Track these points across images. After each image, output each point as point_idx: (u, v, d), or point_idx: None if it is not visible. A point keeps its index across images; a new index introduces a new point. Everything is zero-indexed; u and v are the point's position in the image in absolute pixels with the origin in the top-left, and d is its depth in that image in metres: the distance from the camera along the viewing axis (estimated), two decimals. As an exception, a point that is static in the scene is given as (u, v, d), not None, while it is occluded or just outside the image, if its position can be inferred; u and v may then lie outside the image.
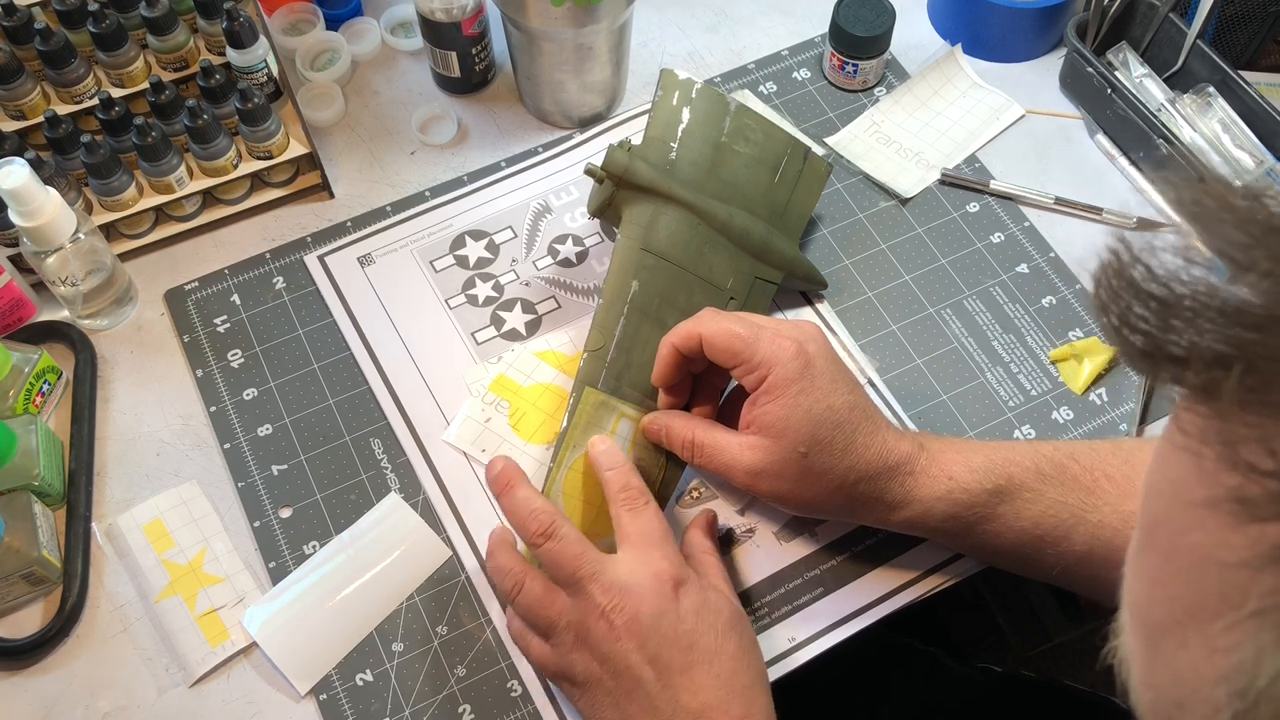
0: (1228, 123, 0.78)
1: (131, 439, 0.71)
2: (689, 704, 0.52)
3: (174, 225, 0.78)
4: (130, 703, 0.62)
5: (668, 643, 0.53)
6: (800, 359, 0.57)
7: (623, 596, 0.54)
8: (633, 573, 0.54)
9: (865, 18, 0.82)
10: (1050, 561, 0.57)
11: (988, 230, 0.79)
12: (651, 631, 0.53)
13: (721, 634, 0.54)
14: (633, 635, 0.53)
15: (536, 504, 0.57)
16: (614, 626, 0.53)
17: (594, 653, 0.54)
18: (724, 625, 0.55)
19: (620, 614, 0.53)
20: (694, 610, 0.54)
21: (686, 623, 0.54)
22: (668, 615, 0.54)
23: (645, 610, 0.53)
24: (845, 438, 0.57)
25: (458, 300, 0.76)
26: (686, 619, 0.54)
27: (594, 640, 0.54)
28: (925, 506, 0.57)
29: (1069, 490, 0.56)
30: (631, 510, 0.57)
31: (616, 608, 0.53)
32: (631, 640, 0.53)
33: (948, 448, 0.58)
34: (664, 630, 0.53)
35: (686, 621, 0.54)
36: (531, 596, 0.56)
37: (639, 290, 0.69)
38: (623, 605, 0.53)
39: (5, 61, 0.71)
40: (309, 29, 0.87)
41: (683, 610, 0.54)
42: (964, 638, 1.17)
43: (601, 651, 0.54)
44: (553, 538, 0.56)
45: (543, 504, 0.57)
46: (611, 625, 0.53)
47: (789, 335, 0.58)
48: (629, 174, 0.70)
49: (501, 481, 0.59)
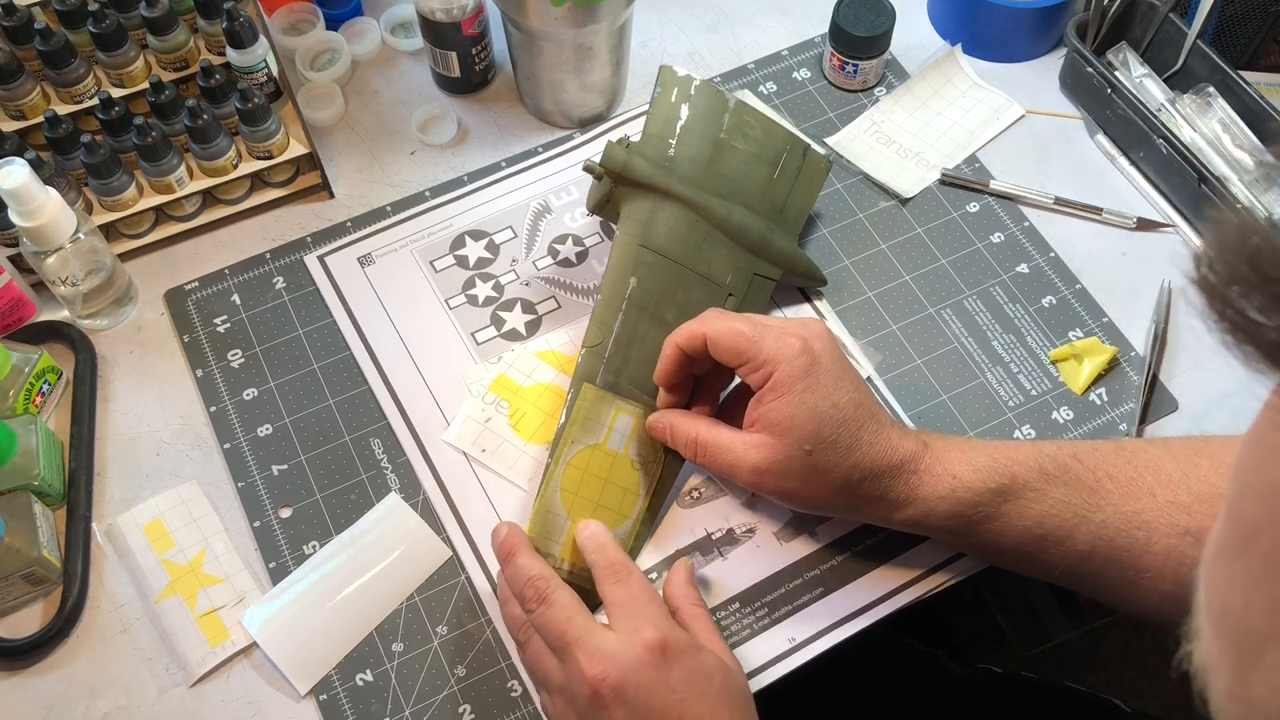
0: (1228, 123, 0.78)
1: (131, 439, 0.71)
2: None
3: (174, 225, 0.78)
4: (130, 703, 0.62)
5: (657, 714, 0.52)
6: (806, 356, 0.57)
7: (609, 667, 0.53)
8: (620, 642, 0.54)
9: (865, 18, 0.82)
10: (1053, 561, 0.57)
11: (988, 230, 0.79)
12: (640, 703, 0.53)
13: (715, 700, 0.54)
14: (620, 705, 0.53)
15: (534, 571, 0.58)
16: (600, 696, 0.53)
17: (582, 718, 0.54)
18: (716, 692, 0.54)
19: (606, 684, 0.53)
20: (684, 679, 0.53)
21: (677, 692, 0.53)
22: (657, 686, 0.53)
23: (632, 681, 0.53)
24: (850, 435, 0.57)
25: (458, 300, 0.76)
26: (676, 688, 0.53)
27: (581, 706, 0.54)
28: (929, 505, 0.57)
29: (1072, 490, 0.56)
30: (617, 582, 0.57)
31: (602, 678, 0.53)
32: (620, 711, 0.53)
33: (951, 446, 0.58)
34: (654, 703, 0.53)
35: (677, 691, 0.53)
36: (531, 652, 0.57)
37: (637, 286, 0.69)
38: (608, 676, 0.53)
39: (5, 61, 0.71)
40: (309, 29, 0.87)
41: (672, 680, 0.53)
42: (964, 638, 1.17)
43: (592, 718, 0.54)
44: (544, 603, 0.56)
45: (540, 570, 0.58)
46: (598, 694, 0.53)
47: (794, 333, 0.58)
48: (627, 170, 0.70)
49: (504, 550, 0.60)
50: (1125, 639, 1.24)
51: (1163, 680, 1.22)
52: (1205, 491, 0.55)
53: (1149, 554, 0.55)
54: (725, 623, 0.64)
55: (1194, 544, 0.54)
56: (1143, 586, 0.56)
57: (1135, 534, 0.55)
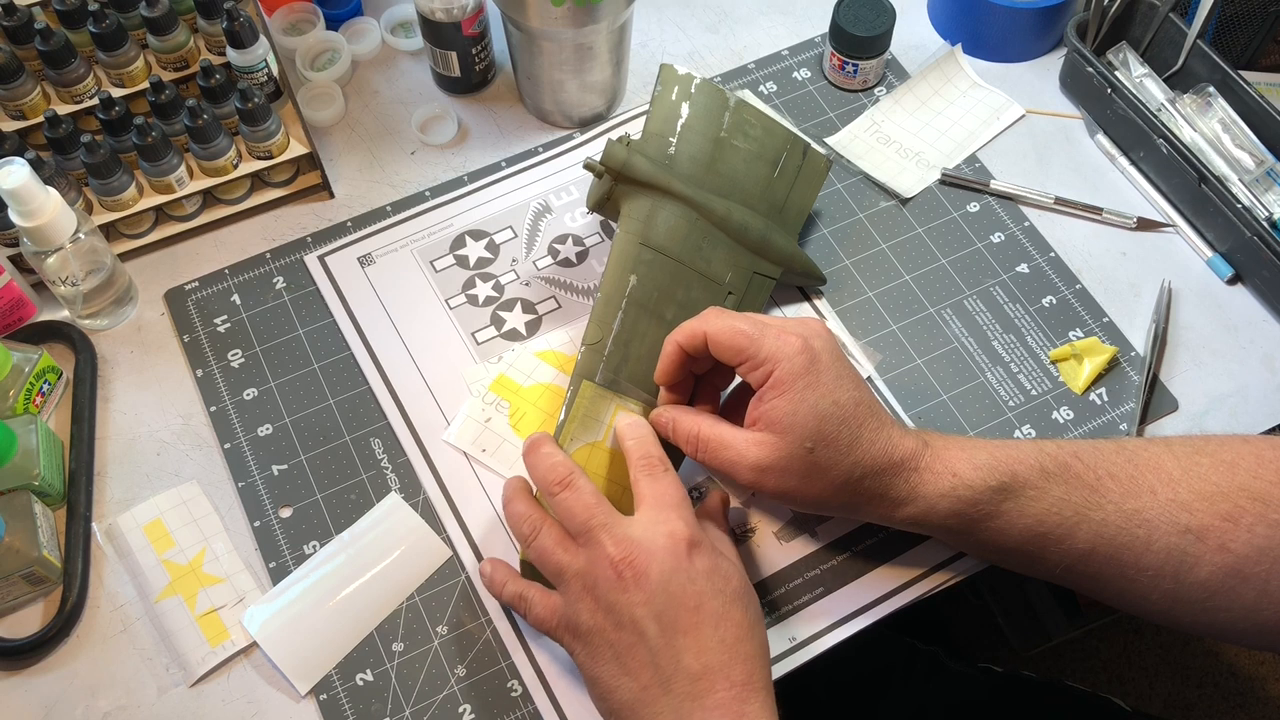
0: (1228, 123, 0.78)
1: (131, 439, 0.71)
2: (690, 665, 0.52)
3: (174, 225, 0.78)
4: (130, 703, 0.63)
5: (675, 601, 0.53)
6: (806, 354, 0.57)
7: (634, 550, 0.54)
8: (646, 529, 0.55)
9: (865, 18, 0.82)
10: (1053, 560, 0.57)
11: (988, 230, 0.79)
12: (660, 588, 0.53)
13: (730, 600, 0.54)
14: (641, 589, 0.53)
15: (558, 458, 0.59)
16: (622, 577, 0.53)
17: (600, 602, 0.54)
18: (733, 592, 0.55)
19: (630, 566, 0.53)
20: (705, 573, 0.54)
21: (697, 584, 0.54)
22: (679, 574, 0.54)
23: (655, 566, 0.53)
24: (851, 433, 0.57)
25: (458, 300, 0.76)
26: (697, 580, 0.54)
27: (601, 590, 0.54)
28: (929, 503, 0.57)
29: (1073, 488, 0.57)
30: (650, 475, 0.58)
31: (626, 560, 0.53)
32: (639, 593, 0.53)
33: (952, 445, 0.59)
34: (673, 588, 0.53)
35: (697, 583, 0.54)
36: (548, 539, 0.57)
37: (637, 284, 0.69)
38: (633, 558, 0.53)
39: (5, 61, 0.71)
40: (309, 29, 0.87)
41: (694, 571, 0.54)
42: (964, 638, 1.18)
43: (608, 601, 0.54)
44: (569, 488, 0.57)
45: (564, 459, 0.59)
46: (620, 576, 0.53)
47: (794, 331, 0.58)
48: (627, 168, 0.70)
49: (526, 447, 0.61)
50: (1125, 639, 1.24)
51: (1163, 680, 1.22)
52: (1206, 489, 0.55)
53: (1150, 552, 0.55)
54: (725, 622, 0.64)
55: (1195, 542, 0.54)
56: (1143, 585, 0.56)
57: (1136, 532, 0.55)
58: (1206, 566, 0.54)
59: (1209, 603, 0.55)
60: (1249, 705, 1.23)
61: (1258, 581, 0.54)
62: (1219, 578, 0.54)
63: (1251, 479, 0.55)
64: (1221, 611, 0.56)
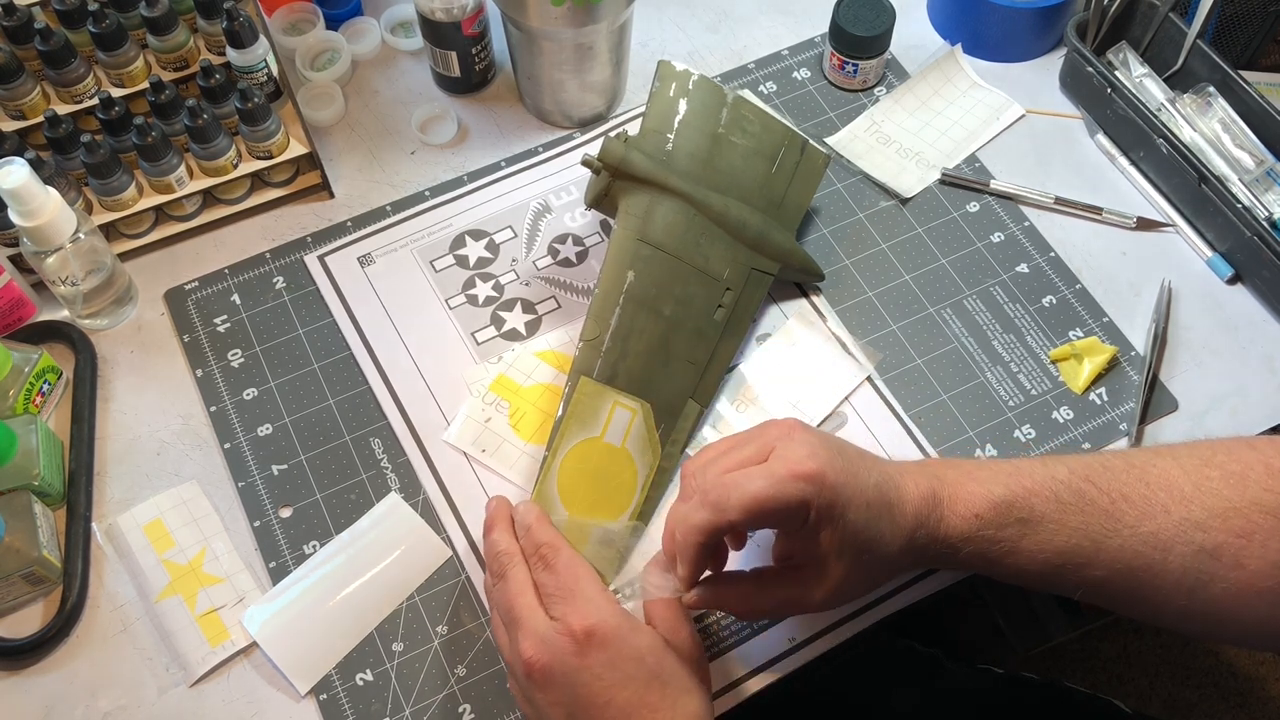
0: (1228, 122, 0.78)
1: (131, 439, 0.71)
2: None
3: (174, 225, 0.78)
4: (130, 703, 0.63)
5: (583, 701, 0.53)
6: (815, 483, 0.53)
7: (540, 651, 0.54)
8: (550, 628, 0.55)
9: (865, 18, 0.82)
10: (1070, 586, 0.57)
11: (988, 230, 0.79)
12: (566, 690, 0.54)
13: (644, 684, 0.54)
14: (550, 689, 0.54)
15: (501, 547, 0.60)
16: (532, 678, 0.54)
17: (524, 693, 0.56)
18: (647, 675, 0.54)
19: (538, 670, 0.54)
20: (608, 665, 0.54)
21: (603, 679, 0.54)
22: (581, 674, 0.54)
23: (558, 667, 0.54)
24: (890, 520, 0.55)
25: (458, 300, 0.76)
26: (602, 675, 0.54)
27: (523, 683, 0.56)
28: (952, 546, 0.56)
29: (1089, 516, 0.56)
30: (545, 567, 0.58)
31: (534, 660, 0.54)
32: (551, 693, 0.54)
33: (964, 478, 0.57)
34: (579, 689, 0.54)
35: (603, 678, 0.54)
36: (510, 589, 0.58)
37: (635, 280, 0.69)
38: (539, 660, 0.54)
39: (5, 61, 0.71)
40: (309, 29, 0.87)
41: (596, 668, 0.54)
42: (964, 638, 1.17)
43: (529, 694, 0.56)
44: (500, 579, 0.58)
45: (505, 547, 0.60)
46: (530, 676, 0.54)
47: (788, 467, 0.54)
48: (625, 165, 0.70)
49: (486, 524, 0.62)
50: (1125, 639, 1.24)
51: (1163, 680, 1.22)
52: (1219, 506, 0.55)
53: (1166, 572, 0.55)
54: (724, 623, 0.64)
55: (1210, 560, 0.54)
56: (1158, 602, 0.56)
57: (1152, 555, 0.55)
58: (1221, 583, 0.54)
59: (1222, 616, 0.55)
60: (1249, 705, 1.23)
61: (1271, 595, 0.54)
62: (1233, 593, 0.54)
63: (1263, 492, 0.55)
64: (1234, 624, 0.56)
